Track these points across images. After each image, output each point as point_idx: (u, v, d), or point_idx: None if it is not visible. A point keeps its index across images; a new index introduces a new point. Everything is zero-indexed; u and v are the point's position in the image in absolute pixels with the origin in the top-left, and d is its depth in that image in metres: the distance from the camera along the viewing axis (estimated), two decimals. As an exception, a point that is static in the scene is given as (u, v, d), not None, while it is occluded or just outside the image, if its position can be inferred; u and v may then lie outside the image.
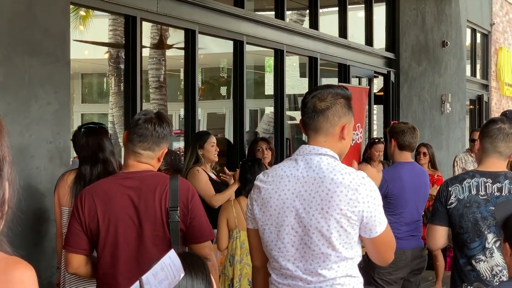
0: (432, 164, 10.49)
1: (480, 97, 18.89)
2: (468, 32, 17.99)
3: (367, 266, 3.39)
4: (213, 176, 7.50)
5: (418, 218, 6.40)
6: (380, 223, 3.33)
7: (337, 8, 12.17)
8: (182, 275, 1.96)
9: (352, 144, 9.78)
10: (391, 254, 3.53)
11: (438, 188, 4.78)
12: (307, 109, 3.42)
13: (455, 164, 11.23)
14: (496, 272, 4.40)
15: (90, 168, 5.03)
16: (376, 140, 10.20)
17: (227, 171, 7.40)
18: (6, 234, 1.95)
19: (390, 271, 6.13)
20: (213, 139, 7.47)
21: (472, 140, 10.79)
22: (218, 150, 7.52)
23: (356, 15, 13.61)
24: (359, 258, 3.41)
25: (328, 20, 12.68)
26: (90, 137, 5.06)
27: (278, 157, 9.37)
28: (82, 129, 5.16)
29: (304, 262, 3.35)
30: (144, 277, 1.91)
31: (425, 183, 6.51)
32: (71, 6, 6.92)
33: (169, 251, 2.00)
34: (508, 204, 4.37)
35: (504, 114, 7.67)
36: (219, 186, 7.41)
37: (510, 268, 3.30)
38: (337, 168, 3.32)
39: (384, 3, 13.59)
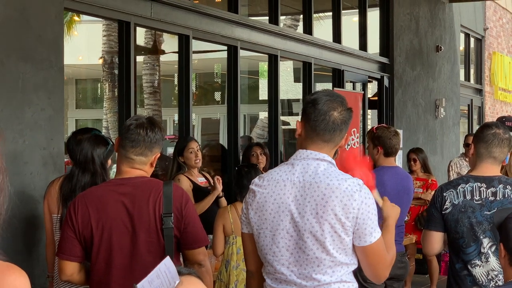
0: (425, 168, 10.46)
1: (474, 102, 18.92)
2: (462, 37, 18.01)
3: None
4: (201, 181, 7.46)
5: (400, 223, 6.38)
6: (371, 233, 3.31)
7: (331, 13, 12.17)
8: (178, 282, 1.95)
9: (347, 149, 9.79)
10: (384, 271, 3.46)
11: (432, 193, 4.78)
12: (323, 120, 3.39)
13: (450, 169, 11.24)
14: (492, 276, 4.40)
15: (78, 173, 4.99)
16: None
17: (210, 179, 7.36)
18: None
19: None
20: (192, 145, 7.40)
21: (466, 145, 10.79)
22: (198, 155, 7.42)
23: (350, 20, 13.62)
24: (354, 266, 3.40)
25: (322, 25, 12.68)
26: (86, 145, 5.01)
27: (273, 162, 9.36)
28: (93, 132, 5.10)
29: (299, 267, 3.34)
30: (139, 285, 1.90)
31: (408, 188, 6.48)
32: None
33: (165, 258, 2.00)
34: (509, 210, 4.37)
35: (501, 119, 7.70)
36: (207, 192, 7.37)
37: (505, 270, 3.28)
38: (333, 173, 3.32)
39: (378, 8, 13.60)
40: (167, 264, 1.96)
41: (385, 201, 3.56)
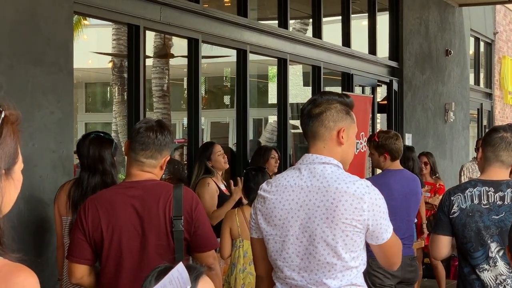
0: (434, 172, 10.45)
1: (483, 106, 18.88)
2: (472, 40, 17.99)
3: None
4: (223, 188, 7.49)
5: (408, 226, 6.37)
6: (386, 230, 3.35)
7: (340, 17, 12.17)
8: (189, 287, 1.96)
9: (356, 153, 9.78)
10: (398, 258, 3.55)
11: (440, 198, 4.77)
12: (303, 116, 3.45)
13: (462, 174, 11.21)
14: (500, 281, 4.38)
15: (88, 177, 5.04)
16: None
17: (232, 184, 7.35)
18: (13, 242, 1.94)
19: (381, 277, 6.11)
20: (218, 148, 7.49)
21: (478, 149, 10.77)
22: (226, 157, 7.55)
23: (359, 24, 13.62)
24: (363, 267, 3.40)
25: (332, 29, 12.68)
26: (92, 147, 5.07)
27: (282, 166, 9.36)
28: (92, 135, 5.16)
29: (309, 272, 3.33)
30: None
31: (416, 190, 6.47)
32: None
33: (178, 263, 2.00)
34: None
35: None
36: (227, 199, 7.39)
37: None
38: (341, 177, 3.31)
39: (388, 12, 13.59)
40: (179, 270, 1.97)
41: None
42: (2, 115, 1.89)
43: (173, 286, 1.93)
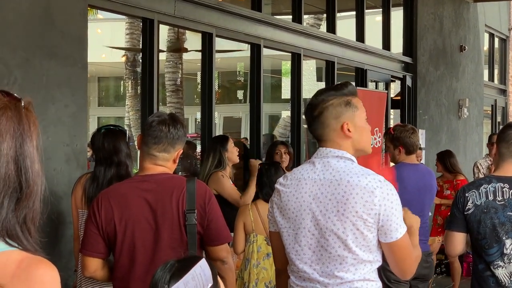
0: (448, 169, 10.42)
1: (497, 102, 18.82)
2: (486, 36, 17.93)
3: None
4: (230, 183, 7.50)
5: (423, 221, 6.35)
6: (397, 229, 3.29)
7: (354, 12, 12.14)
8: (210, 284, 1.96)
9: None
10: (410, 266, 3.45)
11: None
12: (307, 122, 3.49)
13: (477, 171, 11.18)
14: (514, 277, 4.37)
15: (104, 170, 5.06)
16: None
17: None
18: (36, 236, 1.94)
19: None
20: (232, 141, 7.52)
21: (492, 144, 10.74)
22: (238, 149, 7.57)
23: (373, 19, 13.59)
24: (378, 263, 3.39)
25: (346, 24, 12.65)
26: (107, 139, 5.09)
27: (295, 161, 9.35)
28: (102, 130, 5.19)
29: (321, 265, 3.34)
30: (174, 286, 1.90)
31: (431, 185, 6.44)
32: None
33: (201, 260, 1.99)
34: None
35: None
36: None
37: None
38: (353, 170, 3.31)
39: (402, 8, 13.55)
40: (202, 266, 1.96)
41: (406, 211, 3.52)
42: (22, 104, 1.88)
43: (196, 283, 1.92)
